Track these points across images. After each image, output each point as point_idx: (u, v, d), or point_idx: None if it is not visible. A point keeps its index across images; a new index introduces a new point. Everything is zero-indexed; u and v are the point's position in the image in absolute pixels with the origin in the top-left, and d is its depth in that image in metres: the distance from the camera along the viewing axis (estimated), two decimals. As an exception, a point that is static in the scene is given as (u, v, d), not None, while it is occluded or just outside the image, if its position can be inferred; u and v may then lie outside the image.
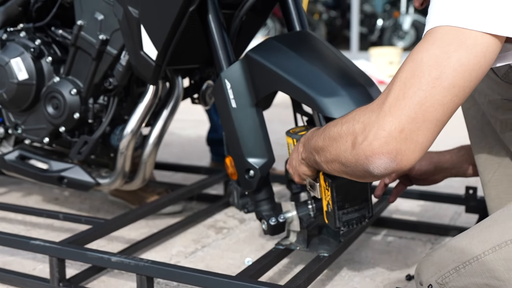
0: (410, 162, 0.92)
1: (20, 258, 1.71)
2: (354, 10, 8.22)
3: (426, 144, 0.93)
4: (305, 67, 1.34)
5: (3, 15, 1.80)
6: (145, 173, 1.75)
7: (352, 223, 1.33)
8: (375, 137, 0.92)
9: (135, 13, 1.47)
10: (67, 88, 1.69)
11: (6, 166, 1.89)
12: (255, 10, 1.64)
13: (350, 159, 0.97)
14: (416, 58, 0.93)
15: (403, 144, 0.91)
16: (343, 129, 1.00)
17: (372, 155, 0.93)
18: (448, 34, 0.92)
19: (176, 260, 1.69)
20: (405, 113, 0.90)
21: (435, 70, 0.91)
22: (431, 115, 0.91)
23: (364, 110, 0.98)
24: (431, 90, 0.90)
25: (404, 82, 0.92)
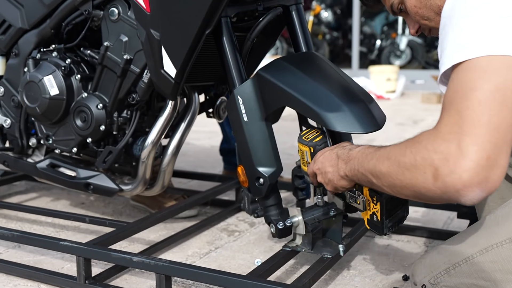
0: (497, 186, 0.88)
1: (50, 258, 1.71)
2: (354, 31, 8.21)
3: (506, 165, 0.89)
4: (311, 84, 1.34)
5: (37, 37, 1.81)
6: (164, 180, 1.75)
7: (395, 226, 1.31)
8: (463, 169, 0.86)
9: (156, 35, 1.48)
10: (94, 103, 1.70)
11: (38, 173, 1.90)
12: (265, 32, 1.65)
13: (432, 189, 0.91)
14: (478, 87, 0.90)
15: (491, 171, 0.86)
16: (418, 160, 0.93)
17: (464, 188, 0.87)
18: (493, 61, 0.91)
19: (191, 260, 1.70)
20: (487, 140, 0.86)
21: (498, 95, 0.89)
22: (506, 137, 0.88)
23: (435, 138, 0.91)
24: (502, 113, 0.88)
25: (475, 109, 0.88)
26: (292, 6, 1.59)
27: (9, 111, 1.94)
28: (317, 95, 1.31)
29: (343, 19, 9.95)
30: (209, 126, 3.62)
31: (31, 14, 1.81)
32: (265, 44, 1.80)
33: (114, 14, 1.64)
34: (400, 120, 4.51)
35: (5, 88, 1.92)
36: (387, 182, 1.01)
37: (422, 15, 1.23)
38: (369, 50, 9.05)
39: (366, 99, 1.35)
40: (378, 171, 1.03)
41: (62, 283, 1.51)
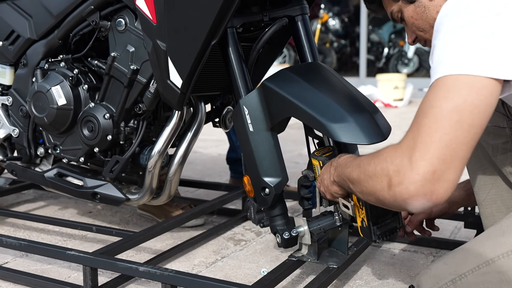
0: (444, 199, 0.94)
1: (57, 267, 1.72)
2: (362, 39, 8.22)
3: (456, 180, 0.94)
4: (316, 95, 1.34)
5: (45, 47, 1.82)
6: (170, 189, 1.76)
7: (385, 234, 1.35)
8: (410, 181, 0.93)
9: (163, 46, 1.49)
10: (101, 113, 1.71)
11: (46, 182, 1.91)
12: (271, 42, 1.66)
13: (387, 197, 0.99)
14: (436, 105, 0.96)
15: (437, 184, 0.92)
16: (377, 170, 1.01)
17: (409, 198, 0.94)
18: (458, 81, 0.95)
19: (197, 269, 1.70)
20: (435, 156, 0.92)
21: (455, 114, 0.94)
22: (458, 154, 0.93)
23: (394, 151, 0.99)
24: (455, 132, 0.93)
25: (430, 127, 0.94)
26: (298, 16, 1.59)
27: (17, 121, 1.95)
28: (323, 106, 1.31)
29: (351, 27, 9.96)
30: (216, 135, 3.63)
31: (39, 24, 1.82)
32: (271, 54, 1.80)
33: (121, 24, 1.65)
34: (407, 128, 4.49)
35: (13, 98, 1.94)
36: (358, 188, 1.10)
37: (418, 26, 1.27)
38: (376, 58, 9.04)
39: (371, 109, 1.35)
40: (352, 178, 1.12)
41: (69, 293, 1.52)
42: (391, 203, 1.00)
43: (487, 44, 0.96)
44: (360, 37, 8.35)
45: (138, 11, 1.53)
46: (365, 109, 1.34)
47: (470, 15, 0.99)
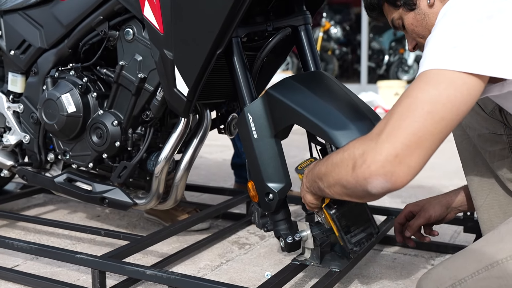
0: (403, 183, 0.95)
1: (66, 270, 1.72)
2: (363, 47, 8.23)
3: (418, 168, 0.96)
4: (319, 103, 1.35)
5: (56, 56, 1.83)
6: (177, 194, 1.75)
7: (362, 242, 1.36)
8: (372, 160, 0.96)
9: (169, 55, 1.49)
10: (109, 120, 1.71)
11: (56, 187, 1.91)
12: (275, 52, 1.66)
13: (350, 181, 1.01)
14: (411, 95, 0.97)
15: (397, 167, 0.94)
16: (345, 156, 1.04)
17: (370, 177, 0.96)
18: (439, 75, 0.97)
19: (203, 273, 1.69)
20: (400, 141, 0.94)
21: (427, 106, 0.95)
22: (423, 143, 0.94)
23: (363, 138, 1.02)
24: (424, 122, 0.94)
25: (401, 114, 0.96)
26: (301, 26, 1.59)
27: (28, 128, 1.96)
28: (325, 114, 1.32)
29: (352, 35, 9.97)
30: (221, 140, 3.63)
31: (50, 34, 1.83)
32: (275, 62, 1.81)
33: (129, 34, 1.65)
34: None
35: (24, 105, 1.94)
36: (326, 182, 1.12)
37: (418, 33, 1.29)
38: (377, 65, 9.06)
39: (372, 116, 1.35)
40: (320, 173, 1.14)
41: (78, 295, 1.52)
42: (353, 185, 1.01)
43: (475, 44, 0.97)
44: (361, 44, 8.37)
45: (145, 21, 1.54)
46: (366, 116, 1.34)
47: (463, 17, 1.01)
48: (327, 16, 9.47)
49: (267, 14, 1.58)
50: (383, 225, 1.83)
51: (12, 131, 2.01)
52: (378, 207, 1.96)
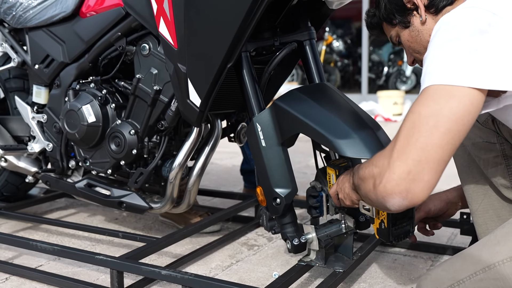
0: (420, 198, 0.93)
1: (87, 270, 1.72)
2: (364, 59, 8.22)
3: (433, 182, 0.93)
4: (323, 113, 1.34)
5: (77, 70, 1.84)
6: (190, 199, 1.75)
7: (400, 237, 1.34)
8: (387, 180, 0.94)
9: (183, 69, 1.49)
10: (127, 129, 1.72)
11: (77, 192, 1.92)
12: (282, 65, 1.66)
13: (373, 197, 1.00)
14: (415, 112, 0.96)
15: (412, 184, 0.92)
16: (366, 173, 1.03)
17: (387, 195, 0.95)
18: (439, 90, 0.96)
19: (214, 273, 1.69)
20: (410, 157, 0.92)
21: (431, 120, 0.93)
22: (433, 156, 0.92)
23: (380, 155, 1.01)
24: (430, 136, 0.93)
25: (407, 131, 0.95)
26: (306, 41, 1.59)
27: (51, 136, 1.97)
28: (329, 123, 1.31)
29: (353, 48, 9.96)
30: (231, 147, 3.63)
31: (72, 49, 1.84)
32: (282, 75, 1.81)
33: (145, 49, 1.66)
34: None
35: (48, 116, 1.95)
36: (359, 191, 1.12)
37: (414, 49, 1.30)
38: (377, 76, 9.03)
39: (373, 126, 1.34)
40: (355, 184, 1.15)
41: (97, 294, 1.52)
42: (375, 202, 1.00)
43: (470, 58, 0.96)
44: (361, 57, 8.36)
45: (160, 37, 1.54)
46: (368, 126, 1.33)
47: (457, 32, 1.00)
48: (330, 31, 9.47)
49: (275, 30, 1.58)
50: (384, 228, 1.82)
51: (36, 140, 2.02)
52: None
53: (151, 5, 1.56)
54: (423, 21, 1.23)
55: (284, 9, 1.55)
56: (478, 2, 1.04)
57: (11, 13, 1.98)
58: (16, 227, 2.19)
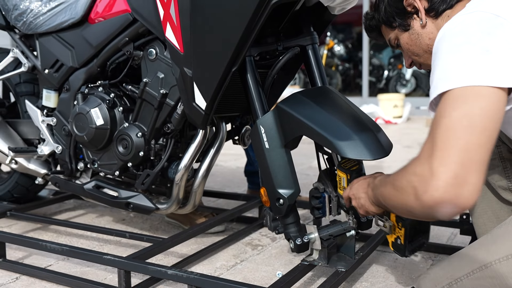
0: (470, 202, 0.87)
1: (95, 269, 1.72)
2: (364, 63, 8.21)
3: (479, 183, 0.88)
4: (325, 116, 1.34)
5: (86, 74, 1.85)
6: (195, 200, 1.75)
7: (415, 250, 1.32)
8: (434, 188, 0.87)
9: (189, 72, 1.50)
10: (134, 132, 1.72)
11: (85, 193, 1.92)
12: (285, 69, 1.66)
13: (416, 207, 0.93)
14: (445, 115, 0.92)
15: (460, 188, 0.86)
16: (403, 183, 0.96)
17: (436, 204, 0.88)
18: (464, 91, 0.92)
19: (219, 272, 1.69)
20: (453, 161, 0.87)
21: (465, 120, 0.89)
22: (475, 157, 0.88)
23: (415, 163, 0.94)
24: (469, 136, 0.88)
25: (443, 135, 0.90)
26: (309, 45, 1.59)
27: (60, 139, 1.97)
28: (331, 126, 1.31)
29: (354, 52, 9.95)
30: (235, 149, 3.63)
31: (81, 54, 1.85)
32: (285, 79, 1.81)
33: (152, 54, 1.67)
34: (406, 143, 4.47)
35: (57, 119, 1.96)
36: (390, 203, 1.04)
37: (413, 52, 1.29)
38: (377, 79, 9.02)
39: (374, 129, 1.34)
40: (384, 195, 1.07)
41: (105, 292, 1.52)
42: (421, 213, 0.93)
43: (485, 59, 0.94)
44: (362, 61, 8.34)
45: (167, 42, 1.55)
46: (369, 128, 1.33)
47: (465, 36, 0.98)
48: (331, 35, 9.46)
49: (278, 35, 1.58)
50: (385, 228, 1.81)
51: (45, 142, 2.03)
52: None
53: (158, 11, 1.56)
54: (423, 24, 1.23)
55: (287, 14, 1.55)
56: (479, 5, 1.03)
57: (21, 19, 1.99)
58: (26, 228, 2.19)
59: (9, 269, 1.72)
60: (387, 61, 9.10)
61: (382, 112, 6.35)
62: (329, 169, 1.57)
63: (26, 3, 1.99)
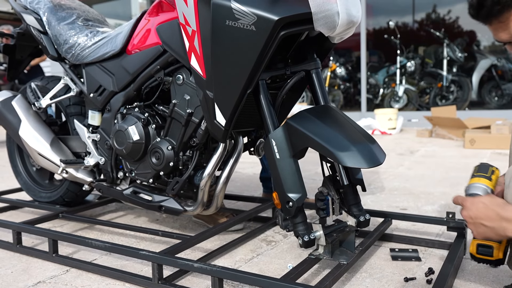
0: None
1: (133, 263, 1.73)
2: (362, 82, 8.17)
3: None
4: (327, 131, 1.34)
5: (124, 97, 1.87)
6: (217, 202, 1.76)
7: None
8: None
9: (211, 95, 1.51)
10: (165, 145, 1.73)
11: (124, 198, 1.94)
12: (292, 89, 1.67)
13: None
14: None
15: None
16: None
17: None
18: None
19: (238, 265, 1.69)
20: None
21: None
22: None
23: None
24: None
25: None
26: (312, 70, 1.59)
27: (103, 152, 2.00)
28: (332, 139, 1.31)
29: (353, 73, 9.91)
30: (251, 158, 3.64)
31: (120, 81, 1.87)
32: (293, 98, 1.80)
33: (179, 79, 1.68)
34: (400, 151, 4.42)
35: (101, 135, 1.99)
36: None
37: None
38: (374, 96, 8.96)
39: (369, 141, 1.34)
40: None
41: (141, 283, 1.53)
42: None
43: None
44: (361, 80, 8.30)
45: (192, 69, 1.56)
46: (365, 141, 1.33)
47: None
48: (334, 59, 9.45)
49: (286, 61, 1.59)
50: (381, 225, 1.79)
51: (91, 155, 2.05)
52: (377, 211, 1.93)
53: (184, 43, 1.58)
54: None
55: (294, 44, 1.55)
56: None
57: (70, 52, 2.03)
58: (75, 227, 2.22)
59: (61, 263, 1.74)
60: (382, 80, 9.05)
61: (378, 125, 6.29)
62: (332, 175, 1.56)
63: (74, 38, 2.03)
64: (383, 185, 2.91)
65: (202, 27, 1.46)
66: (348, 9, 1.36)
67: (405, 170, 3.43)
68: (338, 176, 1.55)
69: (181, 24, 1.53)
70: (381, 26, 8.49)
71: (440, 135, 5.33)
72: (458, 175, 3.17)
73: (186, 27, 1.51)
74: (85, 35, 2.03)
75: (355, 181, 1.55)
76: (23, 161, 2.57)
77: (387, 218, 1.88)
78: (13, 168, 2.58)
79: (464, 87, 7.26)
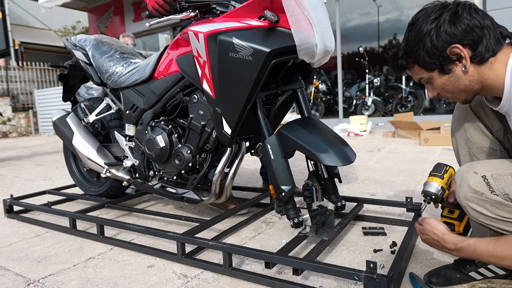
0: None
1: (162, 241, 1.73)
2: (339, 95, 8.16)
3: None
4: (310, 137, 1.34)
5: (152, 113, 1.87)
6: (226, 193, 1.75)
7: None
8: None
9: (219, 110, 1.51)
10: (185, 150, 1.73)
11: (154, 191, 1.93)
12: (283, 104, 1.67)
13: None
14: None
15: None
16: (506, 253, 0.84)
17: None
18: None
19: (244, 242, 1.68)
20: None
21: None
22: None
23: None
24: None
25: None
26: (298, 89, 1.60)
27: (137, 156, 2.00)
28: (314, 143, 1.31)
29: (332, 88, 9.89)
30: (253, 158, 3.62)
31: (149, 100, 1.87)
32: (283, 111, 1.79)
33: (195, 99, 1.68)
34: (369, 149, 4.41)
35: (135, 143, 1.99)
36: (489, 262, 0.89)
37: (448, 90, 0.99)
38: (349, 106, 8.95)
39: (343, 144, 1.34)
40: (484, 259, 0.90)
41: (168, 257, 1.53)
42: None
43: None
44: (338, 94, 8.30)
45: (204, 91, 1.56)
46: (340, 144, 1.33)
47: None
48: (316, 77, 9.44)
49: (277, 82, 1.59)
50: (355, 208, 1.79)
51: (128, 158, 2.05)
52: (350, 197, 1.93)
53: (197, 71, 1.58)
54: (466, 70, 0.93)
55: (283, 69, 1.56)
56: None
57: (110, 78, 2.04)
58: (117, 214, 2.22)
59: (107, 242, 1.75)
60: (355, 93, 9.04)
61: (352, 128, 6.28)
62: (315, 171, 1.56)
63: (113, 68, 2.04)
64: (356, 176, 2.91)
65: (211, 58, 1.46)
66: (324, 41, 1.36)
67: (373, 163, 3.42)
68: (320, 171, 1.55)
69: (194, 56, 1.53)
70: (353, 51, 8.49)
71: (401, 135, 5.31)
72: (415, 167, 3.16)
73: (199, 58, 1.51)
74: (121, 65, 2.04)
75: (333, 175, 1.56)
76: (76, 163, 2.58)
77: (360, 203, 1.88)
78: (69, 169, 2.59)
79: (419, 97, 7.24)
